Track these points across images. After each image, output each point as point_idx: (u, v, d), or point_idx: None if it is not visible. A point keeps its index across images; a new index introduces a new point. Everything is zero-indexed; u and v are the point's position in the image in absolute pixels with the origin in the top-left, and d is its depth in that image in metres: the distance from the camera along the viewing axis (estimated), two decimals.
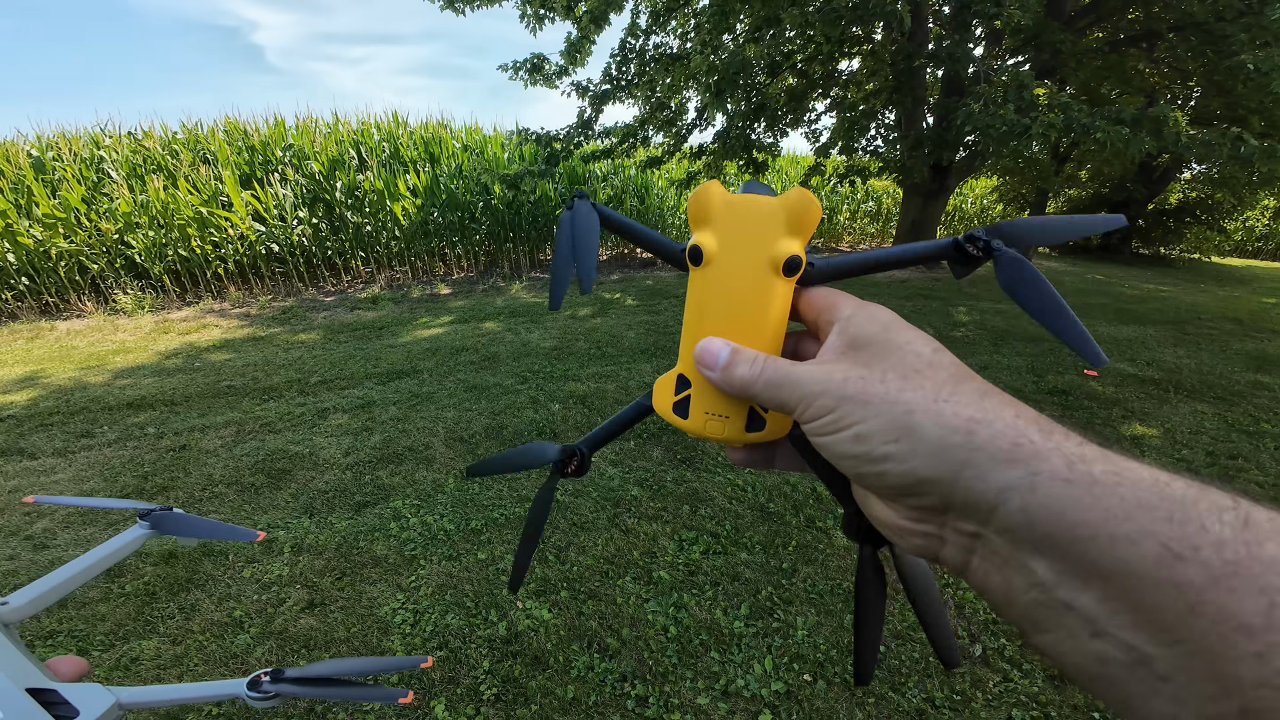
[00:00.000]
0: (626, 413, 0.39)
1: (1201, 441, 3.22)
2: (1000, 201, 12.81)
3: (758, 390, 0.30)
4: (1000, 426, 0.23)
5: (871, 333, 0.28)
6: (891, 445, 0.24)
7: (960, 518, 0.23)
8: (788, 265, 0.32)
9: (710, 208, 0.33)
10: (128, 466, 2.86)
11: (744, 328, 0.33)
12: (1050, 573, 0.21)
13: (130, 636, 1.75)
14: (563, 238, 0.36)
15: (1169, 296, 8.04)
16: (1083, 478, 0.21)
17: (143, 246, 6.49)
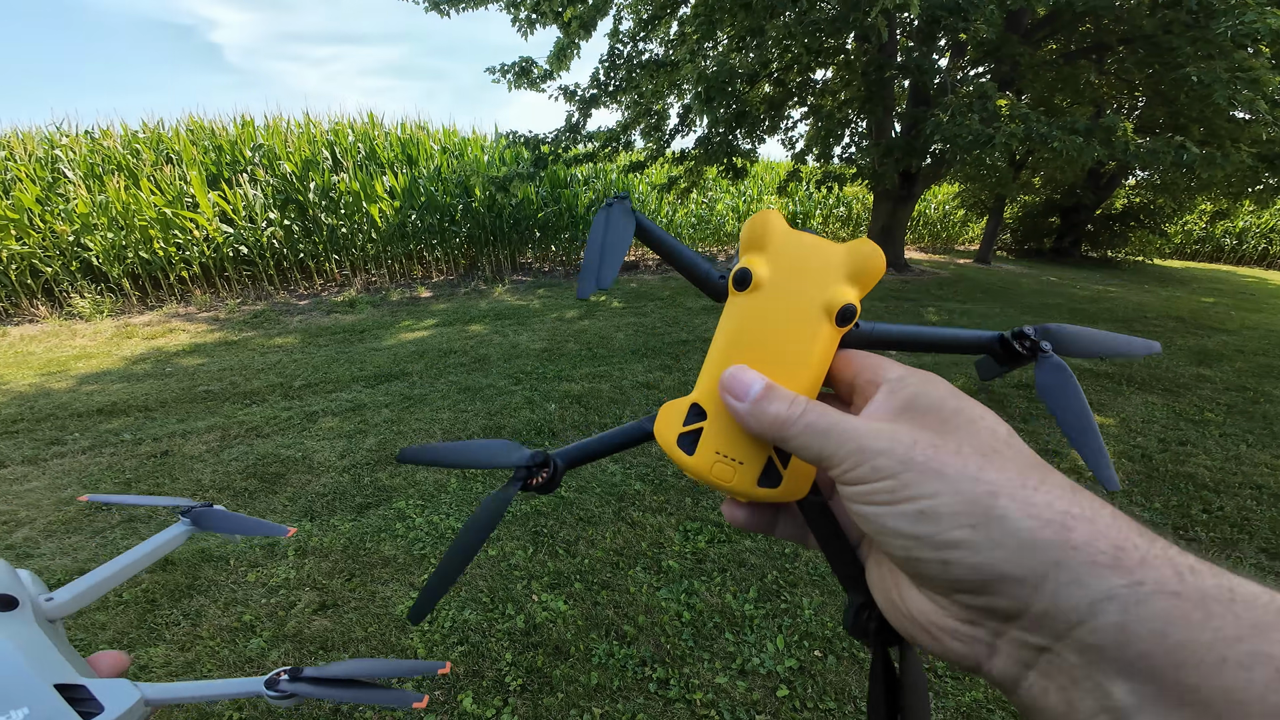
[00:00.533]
0: (619, 434, 0.35)
1: (1154, 430, 3.47)
2: (961, 207, 13.40)
3: (794, 433, 0.26)
4: (1101, 526, 0.20)
5: (936, 397, 0.25)
6: (966, 530, 0.20)
7: (1031, 627, 0.20)
8: (843, 314, 0.29)
9: (770, 235, 0.31)
10: (107, 473, 2.74)
11: (782, 366, 0.29)
12: (1133, 697, 0.18)
13: (135, 644, 1.70)
14: (595, 233, 0.34)
15: (1117, 297, 8.56)
16: (1193, 592, 0.18)
17: (101, 248, 6.19)
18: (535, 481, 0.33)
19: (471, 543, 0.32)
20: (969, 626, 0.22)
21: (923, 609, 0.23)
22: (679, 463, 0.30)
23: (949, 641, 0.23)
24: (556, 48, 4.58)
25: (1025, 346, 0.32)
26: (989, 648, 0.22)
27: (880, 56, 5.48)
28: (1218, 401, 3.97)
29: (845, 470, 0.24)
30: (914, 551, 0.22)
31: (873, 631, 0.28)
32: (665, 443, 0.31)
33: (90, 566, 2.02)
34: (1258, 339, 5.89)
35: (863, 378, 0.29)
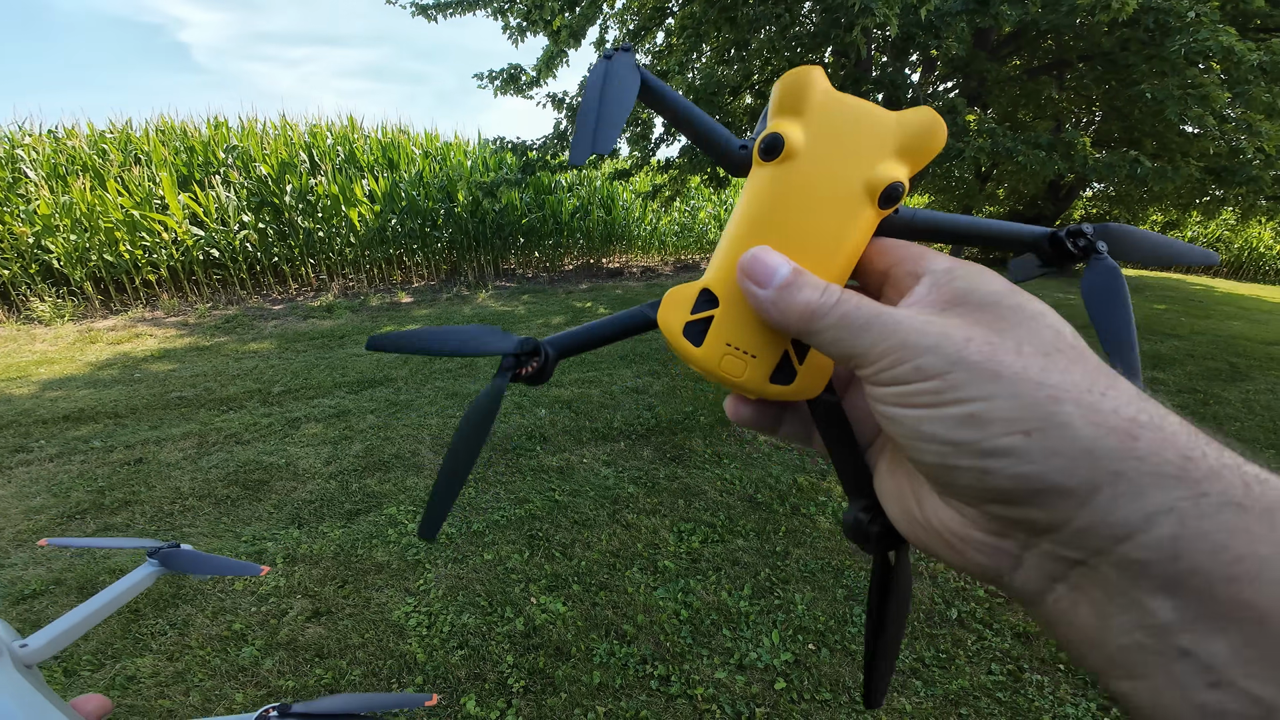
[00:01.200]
0: (617, 320, 0.31)
1: None
2: None
3: (825, 325, 0.23)
4: (1168, 433, 0.18)
5: (991, 292, 0.22)
6: (1019, 438, 0.19)
7: (1067, 541, 0.18)
8: (887, 193, 0.26)
9: (808, 96, 0.27)
10: (78, 481, 2.64)
11: (812, 251, 0.26)
12: (1176, 614, 0.17)
13: (121, 655, 1.65)
14: (592, 90, 0.29)
15: (1076, 304, 8.92)
16: (1258, 503, 0.17)
17: (63, 251, 5.94)
18: (525, 371, 0.29)
19: (470, 443, 0.28)
20: (995, 538, 0.20)
21: (943, 519, 0.22)
22: (683, 354, 0.27)
23: (971, 553, 0.21)
24: (545, 56, 4.61)
25: (1079, 246, 0.29)
26: (1014, 559, 0.20)
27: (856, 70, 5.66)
28: (1171, 403, 4.17)
29: (882, 369, 0.22)
30: (950, 459, 0.20)
31: (874, 536, 0.27)
32: (669, 331, 0.28)
33: (66, 577, 1.95)
34: (1206, 344, 6.25)
35: (902, 268, 0.26)
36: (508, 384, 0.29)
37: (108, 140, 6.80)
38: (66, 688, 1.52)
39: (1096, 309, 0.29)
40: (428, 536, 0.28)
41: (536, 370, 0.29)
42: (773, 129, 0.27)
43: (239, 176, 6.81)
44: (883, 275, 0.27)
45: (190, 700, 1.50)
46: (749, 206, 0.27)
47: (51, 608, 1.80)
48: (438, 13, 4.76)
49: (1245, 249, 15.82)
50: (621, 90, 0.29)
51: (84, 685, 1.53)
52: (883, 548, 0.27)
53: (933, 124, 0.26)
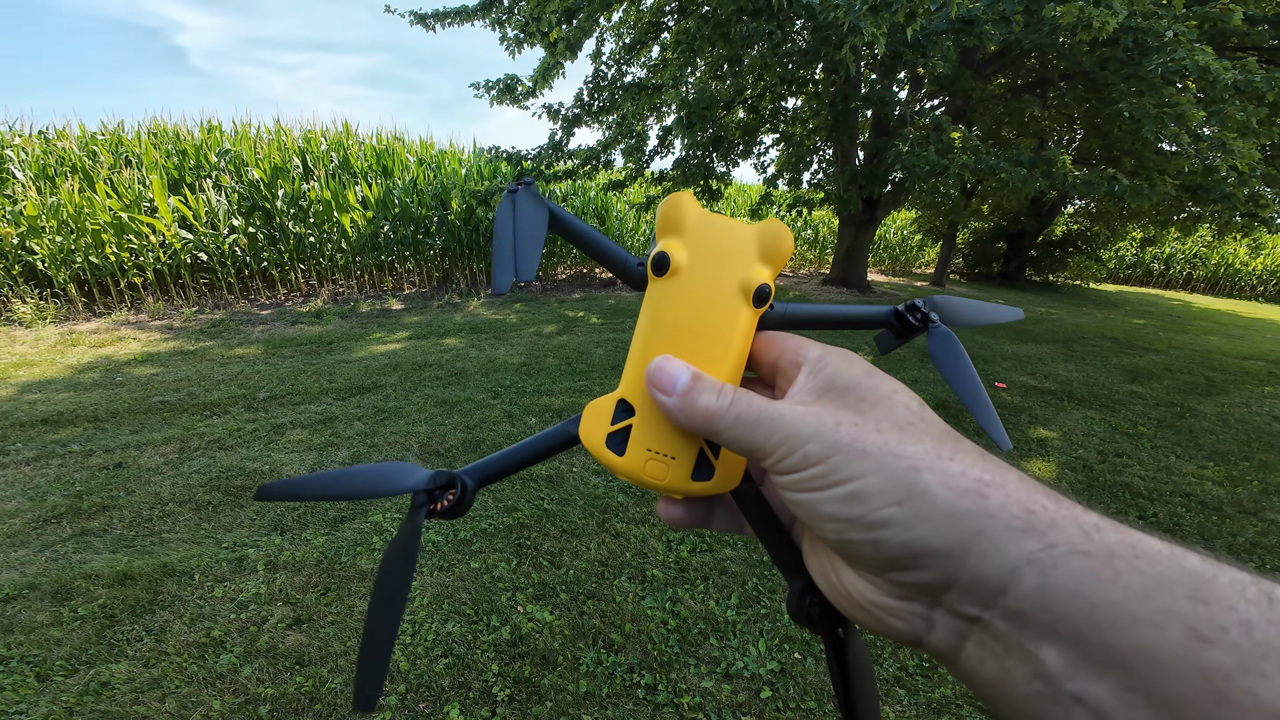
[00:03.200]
0: (538, 441, 0.31)
1: (1093, 442, 3.71)
2: (918, 232, 14.09)
3: (724, 425, 0.25)
4: (1011, 489, 0.20)
5: (852, 376, 0.25)
6: (893, 509, 0.21)
7: (962, 598, 0.20)
8: (759, 294, 0.29)
9: (684, 218, 0.30)
10: (55, 485, 2.59)
11: (706, 353, 0.29)
12: (1061, 662, 0.18)
13: (95, 661, 1.60)
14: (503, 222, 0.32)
15: (1058, 318, 9.11)
16: (1100, 549, 0.18)
17: (47, 252, 5.85)
18: (439, 506, 0.29)
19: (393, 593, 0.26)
20: (905, 603, 0.22)
21: (859, 589, 0.24)
22: (609, 465, 0.29)
23: (888, 619, 0.23)
24: (541, 67, 4.67)
25: (917, 318, 0.33)
26: (926, 621, 0.22)
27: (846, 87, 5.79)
28: (1149, 416, 4.28)
29: (778, 459, 0.24)
30: (847, 534, 0.22)
31: (817, 617, 0.28)
32: (593, 445, 0.29)
33: (40, 581, 1.90)
34: (1183, 358, 6.38)
35: (785, 359, 0.29)
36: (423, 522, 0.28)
37: (98, 142, 6.74)
38: (39, 693, 1.48)
39: (944, 368, 0.33)
40: (364, 708, 0.24)
41: (454, 503, 0.29)
42: (660, 249, 0.30)
43: (230, 180, 6.78)
44: (773, 366, 0.30)
45: (166, 707, 1.46)
46: (649, 318, 0.30)
47: (25, 612, 1.76)
48: (436, 22, 4.82)
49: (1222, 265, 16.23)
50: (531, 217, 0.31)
51: (56, 691, 1.49)
52: (827, 626, 0.28)
53: (782, 232, 0.30)
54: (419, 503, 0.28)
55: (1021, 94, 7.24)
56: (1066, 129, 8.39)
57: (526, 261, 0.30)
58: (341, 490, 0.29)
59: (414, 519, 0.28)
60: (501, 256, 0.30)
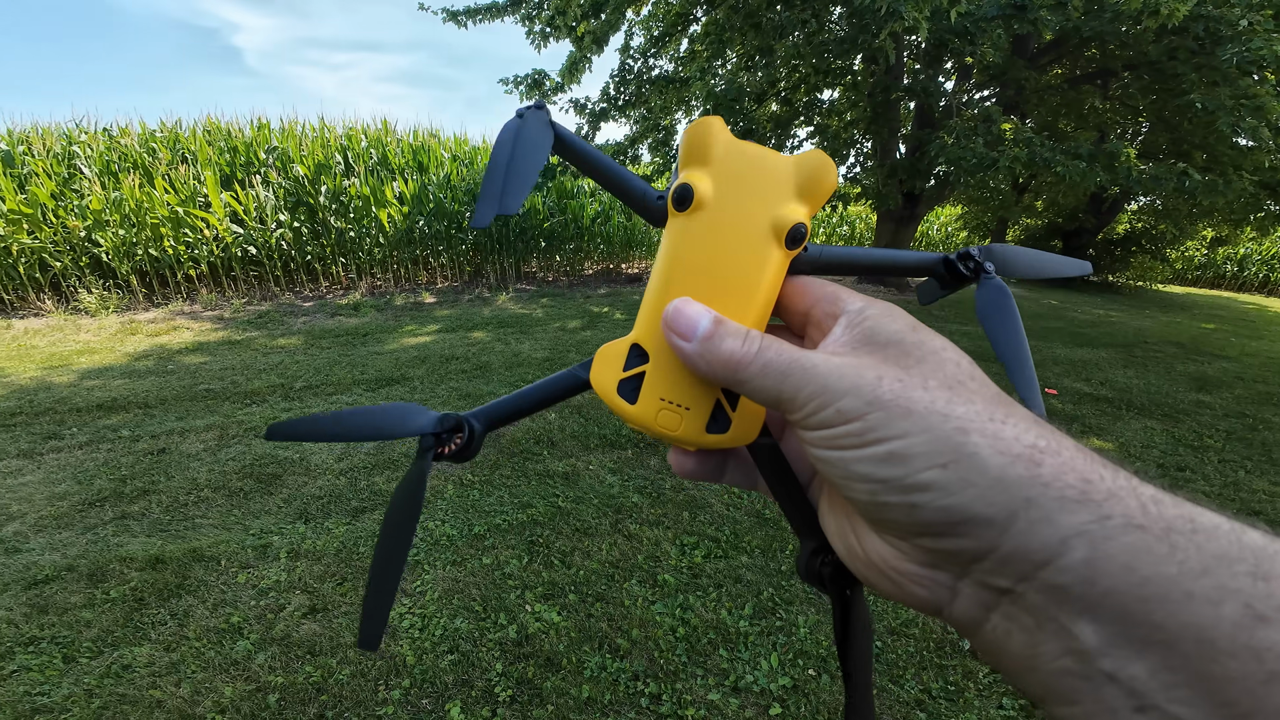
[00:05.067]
0: (548, 385, 0.30)
1: (1152, 455, 3.45)
2: (964, 229, 13.47)
3: (750, 374, 0.24)
4: (1067, 457, 0.19)
5: (896, 330, 0.23)
6: (937, 471, 0.19)
7: (996, 569, 0.19)
8: (792, 234, 0.27)
9: (711, 146, 0.27)
10: (103, 469, 2.74)
11: (730, 297, 0.27)
12: (1098, 638, 0.17)
13: (119, 643, 1.68)
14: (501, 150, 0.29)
15: (1118, 321, 8.55)
16: (1156, 523, 0.17)
17: (111, 245, 6.24)
18: (447, 450, 0.28)
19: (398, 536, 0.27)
20: (930, 570, 0.21)
21: (882, 553, 0.22)
22: (620, 412, 0.27)
23: (910, 586, 0.22)
24: (569, 62, 4.65)
25: (969, 268, 0.31)
26: (950, 591, 0.21)
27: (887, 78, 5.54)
28: (1217, 428, 3.95)
29: (808, 414, 0.22)
30: (880, 496, 0.21)
31: (828, 577, 0.27)
32: (604, 391, 0.28)
33: (79, 563, 2.01)
34: (1257, 366, 5.88)
35: (820, 309, 0.27)
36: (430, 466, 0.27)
37: (157, 139, 7.13)
38: (63, 674, 1.56)
39: (990, 324, 0.30)
40: (369, 647, 0.26)
41: (461, 446, 0.28)
42: (683, 180, 0.27)
43: (277, 176, 7.06)
44: (804, 316, 0.28)
45: (180, 692, 1.51)
46: (668, 256, 0.28)
47: (61, 593, 1.86)
48: (468, 19, 4.86)
49: None
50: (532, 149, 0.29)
51: (80, 673, 1.56)
52: (837, 588, 0.27)
53: (824, 165, 0.27)
54: (426, 445, 0.27)
55: (1081, 85, 6.79)
56: (1131, 122, 7.83)
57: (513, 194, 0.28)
58: (350, 431, 0.29)
59: (421, 462, 0.27)
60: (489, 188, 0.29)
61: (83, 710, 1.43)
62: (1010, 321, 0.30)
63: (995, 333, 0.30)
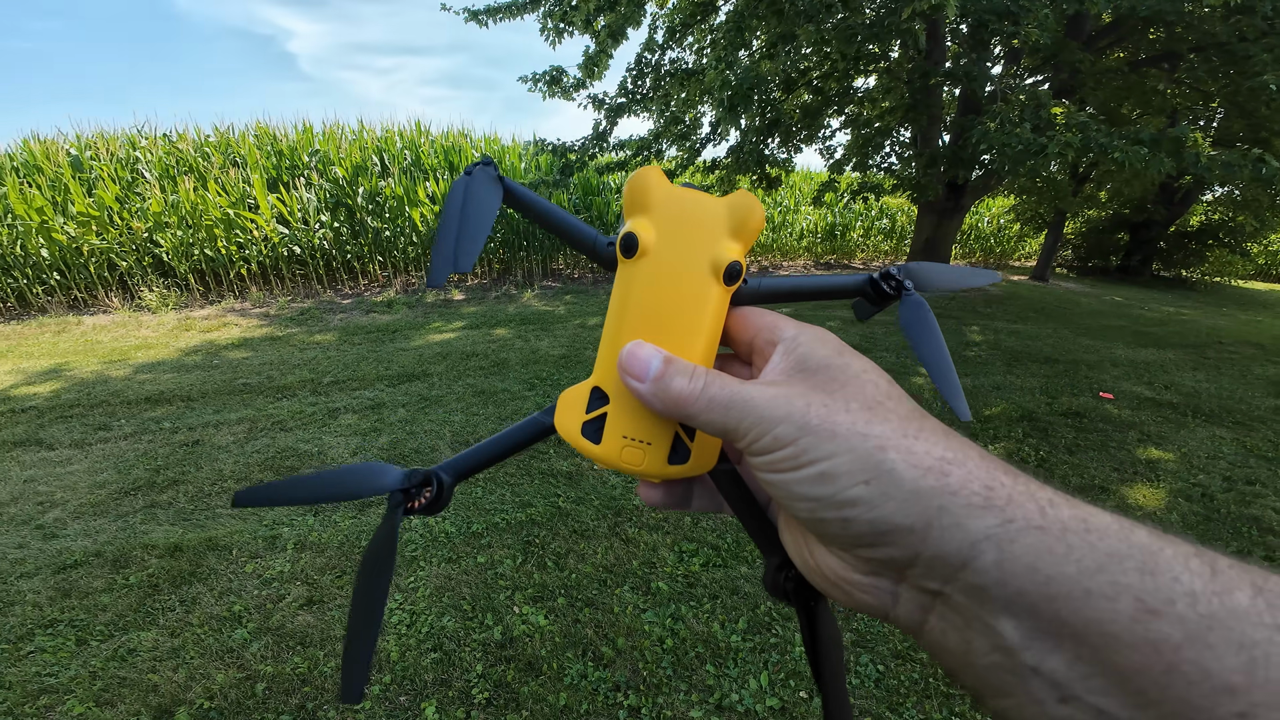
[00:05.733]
0: (514, 433, 0.31)
1: (1219, 467, 3.15)
2: (1017, 221, 12.69)
3: (697, 410, 0.26)
4: (971, 467, 0.21)
5: (823, 356, 0.26)
6: (861, 487, 0.21)
7: (925, 573, 0.21)
8: (729, 271, 0.29)
9: (650, 195, 0.29)
10: (141, 459, 2.92)
11: (677, 335, 0.29)
12: (1018, 634, 0.19)
13: (130, 628, 1.78)
14: (451, 207, 0.30)
15: (1189, 320, 7.89)
16: (1054, 524, 0.19)
17: (171, 246, 6.68)
18: (417, 505, 0.29)
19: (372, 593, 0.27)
20: (872, 578, 0.23)
21: (830, 565, 0.24)
22: (586, 453, 0.29)
23: (857, 594, 0.24)
24: (586, 57, 4.62)
25: (891, 286, 0.32)
26: (892, 596, 0.23)
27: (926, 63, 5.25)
28: None
29: (750, 442, 0.24)
30: (818, 513, 0.23)
31: (791, 591, 0.29)
32: (569, 435, 0.30)
33: (106, 549, 2.14)
34: None
35: (760, 338, 0.29)
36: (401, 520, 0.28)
37: (210, 144, 7.56)
38: (74, 656, 1.66)
39: (912, 337, 0.32)
40: (351, 700, 0.26)
41: (431, 500, 0.29)
42: (628, 229, 0.29)
43: (319, 179, 7.38)
44: (749, 344, 0.30)
45: (176, 677, 1.59)
46: (620, 301, 0.29)
47: (85, 578, 1.98)
48: (488, 18, 4.90)
49: None
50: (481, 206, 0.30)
51: (89, 655, 1.66)
52: (802, 601, 0.29)
53: (751, 206, 0.29)
54: (395, 503, 0.28)
55: (1144, 68, 6.24)
56: (1203, 107, 7.16)
57: (466, 253, 0.30)
58: (317, 494, 0.29)
59: (390, 519, 0.28)
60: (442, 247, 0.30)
61: (84, 691, 1.52)
62: (930, 333, 0.32)
63: (917, 344, 0.31)
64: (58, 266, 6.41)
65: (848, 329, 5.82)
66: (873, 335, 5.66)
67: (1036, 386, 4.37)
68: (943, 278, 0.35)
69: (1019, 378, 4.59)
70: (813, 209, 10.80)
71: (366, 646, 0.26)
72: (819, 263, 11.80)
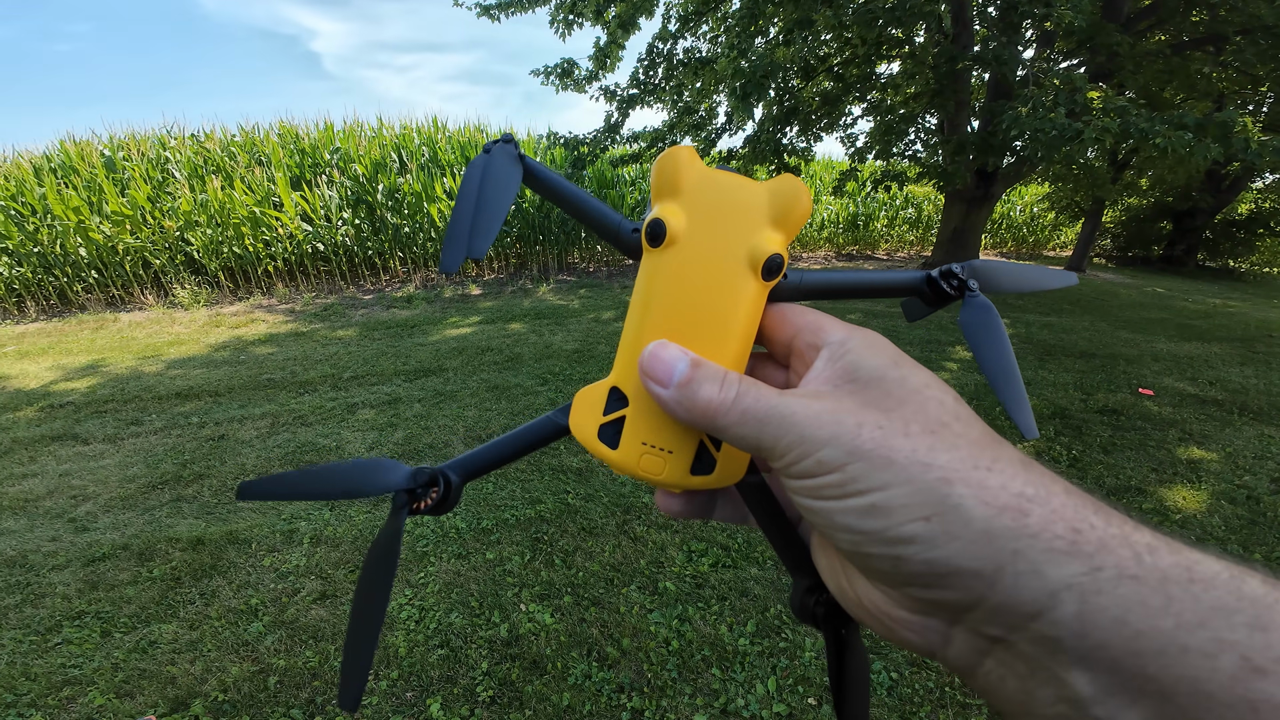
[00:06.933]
0: (525, 433, 0.29)
1: (1267, 468, 2.98)
2: (1052, 209, 12.20)
3: (728, 423, 0.23)
4: (1056, 505, 0.19)
5: (877, 366, 0.22)
6: (920, 524, 0.19)
7: (987, 619, 0.19)
8: (769, 265, 0.26)
9: (681, 177, 0.27)
10: (170, 454, 3.02)
11: (707, 335, 0.26)
12: (1092, 688, 0.17)
13: (152, 620, 1.84)
14: (468, 188, 0.29)
15: (1237, 312, 7.49)
16: (1152, 574, 0.17)
17: (201, 244, 6.89)
18: (423, 505, 0.27)
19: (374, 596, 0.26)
20: (921, 617, 0.21)
21: (872, 598, 0.22)
22: (602, 458, 0.27)
23: (902, 631, 0.22)
24: (598, 48, 4.57)
25: (953, 285, 0.30)
26: (943, 637, 0.21)
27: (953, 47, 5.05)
28: None
29: (789, 463, 0.22)
30: (863, 547, 0.20)
31: (822, 617, 0.27)
32: (584, 438, 0.27)
33: (133, 543, 2.22)
34: None
35: (801, 339, 0.26)
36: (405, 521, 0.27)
37: (236, 144, 7.75)
38: (98, 647, 1.72)
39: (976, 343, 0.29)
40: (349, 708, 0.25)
41: (438, 500, 0.27)
42: (655, 215, 0.27)
43: (340, 176, 7.51)
44: (787, 346, 0.27)
45: (193, 669, 1.63)
46: (644, 294, 0.27)
47: (112, 570, 2.06)
48: (499, 12, 4.88)
49: None
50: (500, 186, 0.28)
51: (112, 647, 1.72)
52: (832, 627, 0.27)
53: (797, 191, 0.26)
54: (400, 503, 0.27)
55: (1187, 51, 5.90)
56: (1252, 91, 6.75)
57: (481, 235, 0.28)
58: (321, 490, 0.28)
59: (394, 520, 0.27)
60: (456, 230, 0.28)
61: (106, 683, 1.58)
62: (997, 339, 0.29)
63: (981, 351, 0.29)
64: (95, 265, 6.67)
65: (869, 322, 5.68)
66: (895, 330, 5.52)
67: (1071, 382, 4.20)
68: (1012, 278, 0.32)
69: (1052, 372, 4.42)
70: (834, 199, 10.57)
71: (366, 652, 0.25)
72: (840, 254, 11.55)
